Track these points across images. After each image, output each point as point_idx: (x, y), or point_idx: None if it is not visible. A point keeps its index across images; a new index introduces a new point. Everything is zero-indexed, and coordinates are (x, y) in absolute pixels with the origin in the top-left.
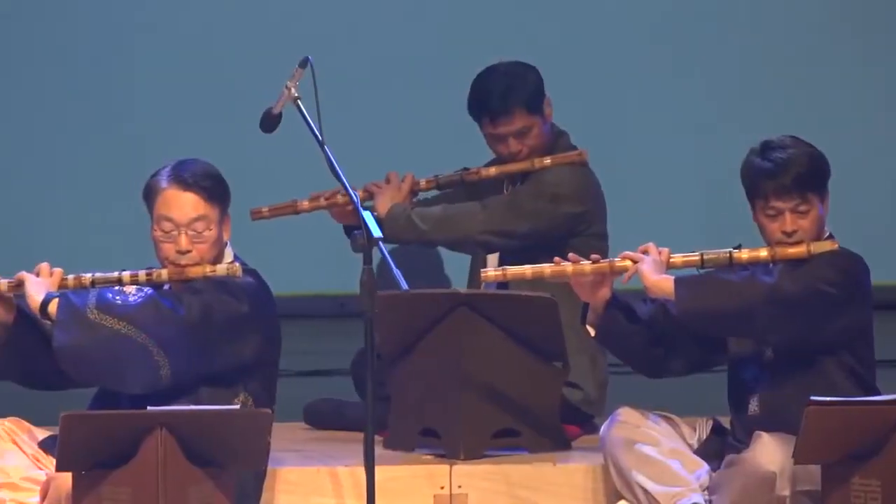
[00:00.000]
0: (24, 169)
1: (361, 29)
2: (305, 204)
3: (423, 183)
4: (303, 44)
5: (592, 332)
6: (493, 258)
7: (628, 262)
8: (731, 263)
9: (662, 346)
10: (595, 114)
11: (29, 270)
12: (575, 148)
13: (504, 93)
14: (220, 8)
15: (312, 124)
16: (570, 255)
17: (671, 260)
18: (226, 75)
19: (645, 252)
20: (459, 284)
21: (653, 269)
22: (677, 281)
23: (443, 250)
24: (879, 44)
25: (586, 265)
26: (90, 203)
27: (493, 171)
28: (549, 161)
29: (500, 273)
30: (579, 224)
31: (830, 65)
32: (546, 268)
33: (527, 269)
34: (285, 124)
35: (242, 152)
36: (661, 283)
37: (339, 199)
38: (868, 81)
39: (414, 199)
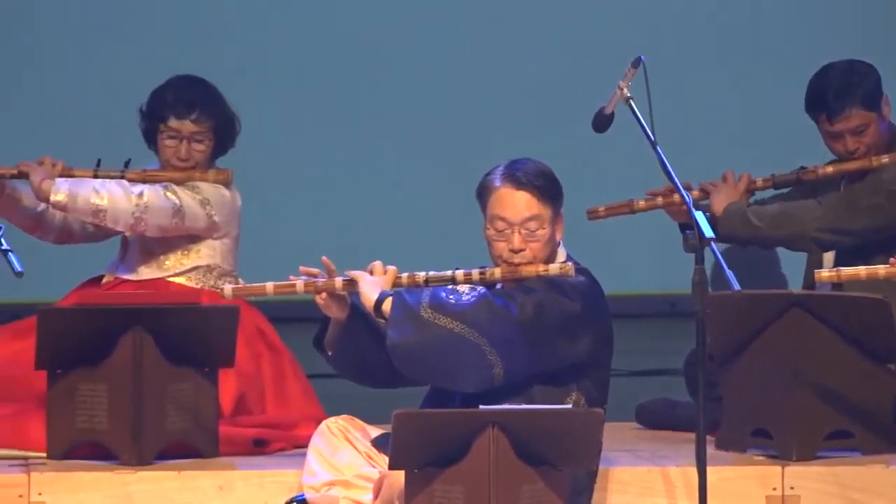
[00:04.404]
0: (351, 170)
1: (691, 27)
2: (641, 203)
3: (759, 182)
4: (632, 43)
5: None
6: (829, 257)
7: None
8: None
9: None
10: None
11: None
12: None
13: (841, 90)
14: (551, 8)
15: (645, 124)
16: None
17: None
18: (557, 76)
19: None
20: (795, 284)
21: None
22: None
23: (780, 250)
24: None
25: None
26: (419, 202)
27: (830, 169)
28: (886, 159)
29: (833, 274)
30: None
31: None
32: (881, 269)
33: (861, 270)
34: (617, 124)
35: (576, 152)
36: None
37: (676, 198)
38: None
39: (750, 199)
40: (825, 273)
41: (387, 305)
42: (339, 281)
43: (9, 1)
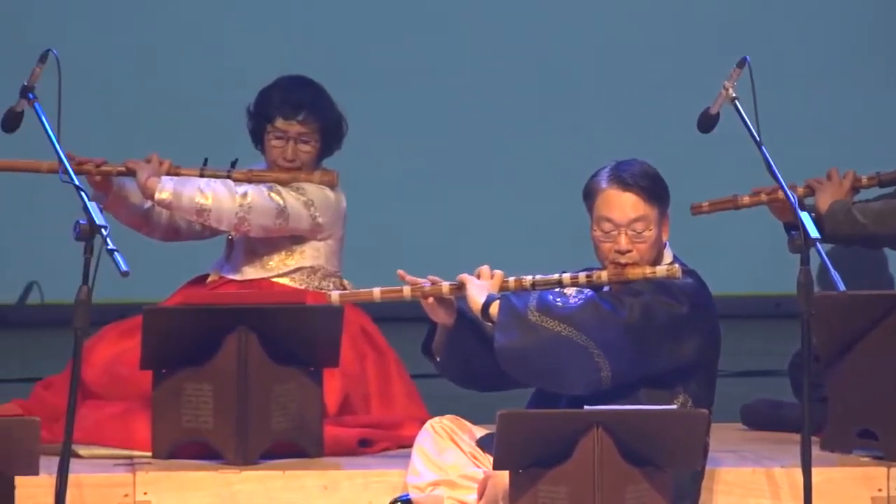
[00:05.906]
0: (458, 174)
1: (794, 26)
2: (746, 199)
3: (864, 180)
4: (740, 43)
5: None
6: None
7: None
8: None
9: None
10: None
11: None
12: None
13: None
14: (659, 9)
15: (750, 124)
16: None
17: None
18: (663, 76)
19: None
20: None
21: None
22: None
23: (886, 251)
24: None
25: None
26: (525, 204)
27: None
28: None
29: None
30: None
31: None
32: None
33: None
34: (723, 123)
35: (681, 152)
36: None
37: (781, 194)
38: None
39: (855, 197)
40: None
41: (494, 309)
42: (446, 285)
43: (131, 2)
